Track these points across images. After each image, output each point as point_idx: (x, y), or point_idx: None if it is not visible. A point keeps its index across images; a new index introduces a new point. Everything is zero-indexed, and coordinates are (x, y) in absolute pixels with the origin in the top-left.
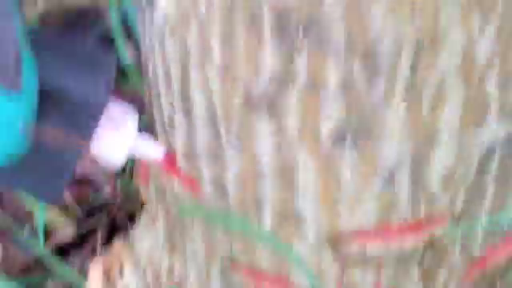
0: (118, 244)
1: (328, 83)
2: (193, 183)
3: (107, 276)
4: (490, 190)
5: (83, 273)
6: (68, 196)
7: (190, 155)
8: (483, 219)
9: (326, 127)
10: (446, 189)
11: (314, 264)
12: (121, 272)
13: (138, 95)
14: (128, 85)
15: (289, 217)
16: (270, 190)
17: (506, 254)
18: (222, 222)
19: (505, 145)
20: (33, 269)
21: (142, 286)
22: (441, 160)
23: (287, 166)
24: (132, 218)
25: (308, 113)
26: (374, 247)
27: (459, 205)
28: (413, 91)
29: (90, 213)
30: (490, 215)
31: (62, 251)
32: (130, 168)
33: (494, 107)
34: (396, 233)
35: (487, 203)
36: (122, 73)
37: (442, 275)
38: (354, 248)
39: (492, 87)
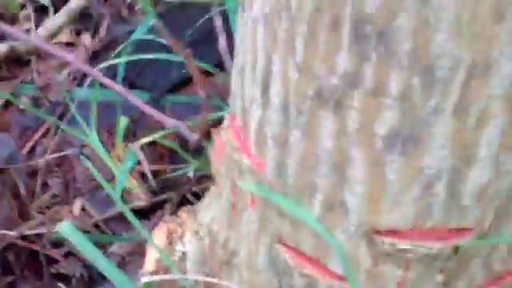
0: (183, 212)
1: (389, 91)
2: (260, 164)
3: (169, 239)
4: None
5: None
6: (147, 169)
7: (261, 138)
8: (507, 237)
9: (381, 131)
10: (478, 203)
11: (350, 254)
12: (181, 237)
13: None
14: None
15: (335, 207)
16: (323, 180)
17: None
18: (277, 203)
19: None
20: (103, 228)
21: (199, 253)
22: (477, 176)
23: (342, 160)
24: (200, 198)
25: (367, 115)
26: (404, 246)
27: (489, 220)
28: (461, 108)
29: (164, 188)
30: None
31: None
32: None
33: None
34: (426, 237)
35: None
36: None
37: (461, 284)
38: (387, 244)
39: None
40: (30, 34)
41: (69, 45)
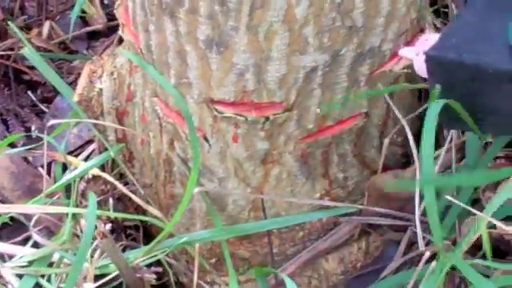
0: (105, 55)
1: (200, 12)
2: (136, 39)
3: (91, 78)
4: (317, 91)
5: None
6: None
7: (135, 20)
8: (313, 108)
9: (200, 37)
10: (281, 87)
11: (197, 112)
12: (100, 77)
13: None
14: None
15: (183, 80)
16: (173, 61)
17: (334, 132)
18: (146, 71)
19: (326, 65)
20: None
21: (112, 90)
22: (275, 70)
23: (181, 51)
24: None
25: (190, 26)
26: (228, 114)
27: (292, 98)
28: (252, 28)
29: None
30: (320, 105)
31: None
32: None
33: (311, 45)
34: (245, 108)
35: (315, 99)
36: None
37: (281, 138)
38: (218, 111)
39: (310, 36)
40: None
41: None
